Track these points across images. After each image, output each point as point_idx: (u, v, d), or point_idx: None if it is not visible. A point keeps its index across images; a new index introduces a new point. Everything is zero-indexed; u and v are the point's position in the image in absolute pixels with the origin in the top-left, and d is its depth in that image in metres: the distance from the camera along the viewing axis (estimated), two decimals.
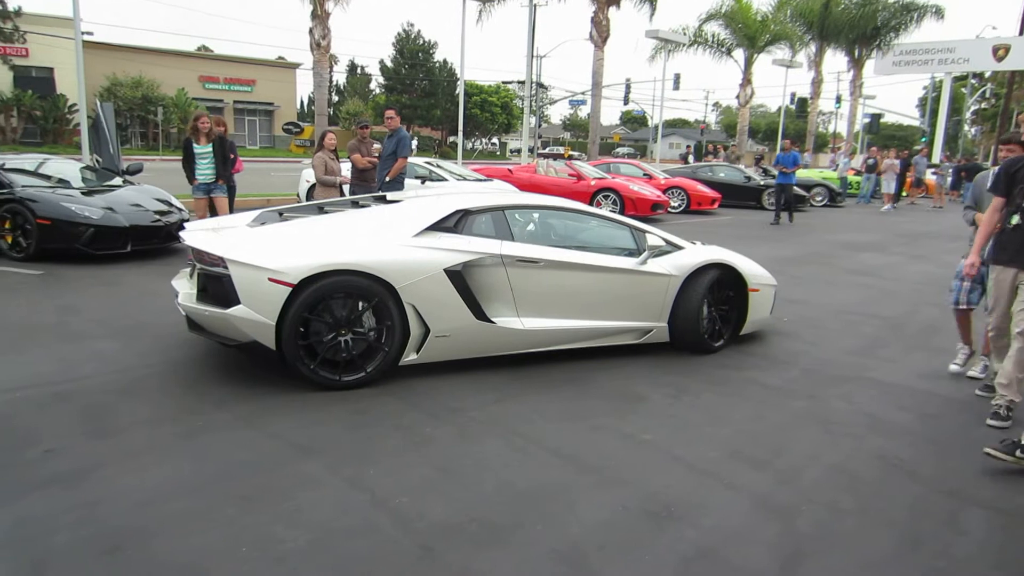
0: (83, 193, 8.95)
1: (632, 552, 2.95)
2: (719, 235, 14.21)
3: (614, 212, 15.84)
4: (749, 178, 21.41)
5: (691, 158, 39.79)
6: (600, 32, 29.59)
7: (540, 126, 56.80)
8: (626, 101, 47.75)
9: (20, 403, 4.20)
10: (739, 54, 37.66)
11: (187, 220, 8.34)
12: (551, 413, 4.42)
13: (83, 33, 14.24)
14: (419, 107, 54.08)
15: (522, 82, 35.12)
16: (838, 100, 50.13)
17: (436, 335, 4.79)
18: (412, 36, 55.75)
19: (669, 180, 19.35)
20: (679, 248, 5.75)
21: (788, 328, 6.81)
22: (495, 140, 66.68)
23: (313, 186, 10.18)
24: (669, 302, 5.54)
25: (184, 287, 4.92)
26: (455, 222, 5.05)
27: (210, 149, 8.81)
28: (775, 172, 17.27)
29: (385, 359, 4.67)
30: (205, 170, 8.84)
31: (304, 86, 74.74)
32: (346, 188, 9.40)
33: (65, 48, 29.16)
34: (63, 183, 9.27)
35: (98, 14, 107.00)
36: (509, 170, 18.01)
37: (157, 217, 9.09)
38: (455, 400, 4.53)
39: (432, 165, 14.92)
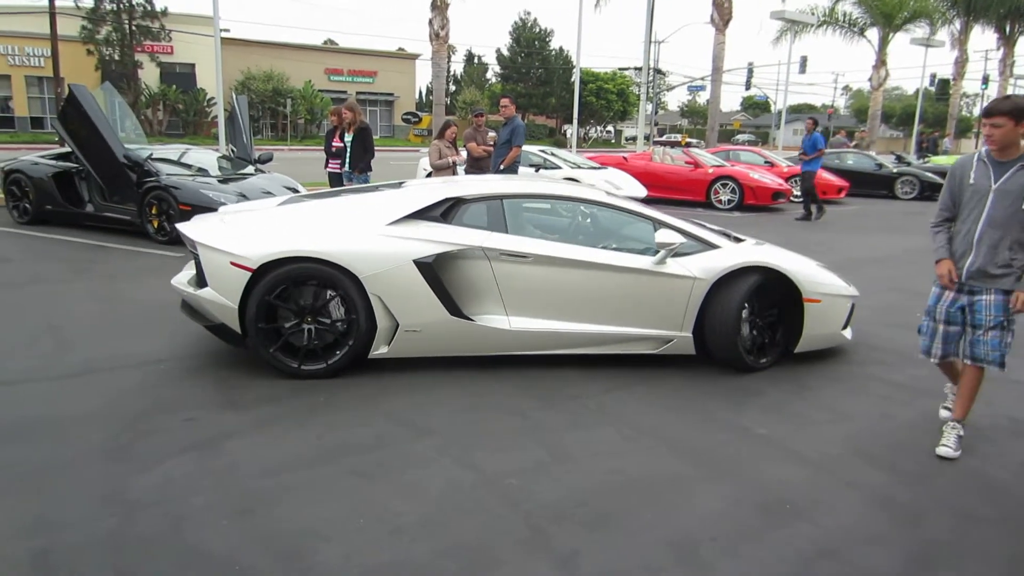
0: (219, 181, 9.57)
1: (746, 546, 2.87)
2: (838, 225, 13.53)
3: (732, 201, 15.50)
4: (881, 165, 20.21)
5: None
6: (722, 14, 28.64)
7: (657, 113, 55.76)
8: (748, 86, 46.21)
9: (164, 374, 4.56)
10: (873, 33, 35.45)
11: None
12: (665, 404, 4.36)
13: (221, 30, 15.13)
14: (534, 95, 54.30)
15: (639, 68, 34.53)
16: (985, 81, 46.09)
17: (405, 329, 4.57)
18: (528, 24, 56.07)
19: (792, 168, 18.53)
20: (712, 247, 4.97)
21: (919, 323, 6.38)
22: (610, 128, 66.02)
23: (430, 174, 10.44)
24: (693, 309, 4.80)
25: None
26: (444, 211, 4.81)
27: (351, 139, 9.20)
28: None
29: (350, 351, 4.55)
30: (345, 158, 9.25)
31: (423, 76, 76.79)
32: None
33: (205, 45, 31.17)
34: (202, 172, 9.94)
35: (235, 12, 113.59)
36: (624, 158, 17.77)
37: None
38: (569, 387, 4.54)
39: (546, 153, 14.95)
